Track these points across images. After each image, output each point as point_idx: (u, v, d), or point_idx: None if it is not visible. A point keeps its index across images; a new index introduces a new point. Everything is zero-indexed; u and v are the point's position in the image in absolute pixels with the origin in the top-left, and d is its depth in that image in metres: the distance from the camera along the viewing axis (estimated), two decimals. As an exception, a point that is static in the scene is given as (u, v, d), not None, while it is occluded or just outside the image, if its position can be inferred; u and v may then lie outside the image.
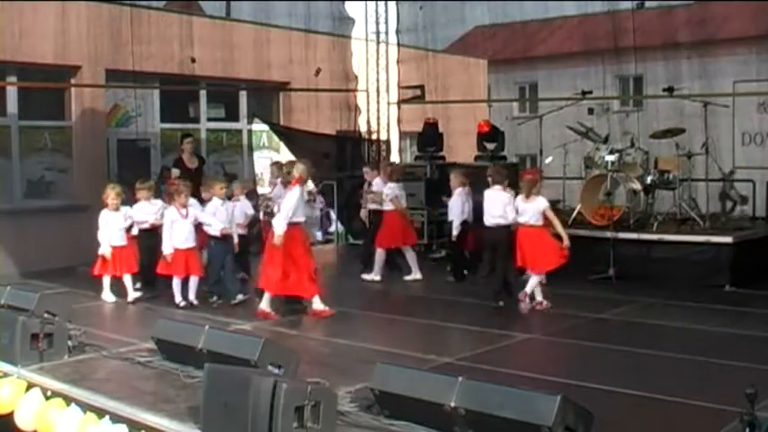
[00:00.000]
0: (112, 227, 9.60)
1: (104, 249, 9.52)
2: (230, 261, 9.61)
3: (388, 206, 10.84)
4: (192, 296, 9.36)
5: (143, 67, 13.02)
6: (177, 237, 9.33)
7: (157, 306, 9.27)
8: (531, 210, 8.92)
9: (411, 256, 11.01)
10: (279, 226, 8.50)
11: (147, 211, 9.89)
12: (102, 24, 12.93)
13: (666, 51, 15.75)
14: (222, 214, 9.61)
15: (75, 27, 12.67)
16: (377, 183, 11.17)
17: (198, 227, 9.61)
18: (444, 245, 12.26)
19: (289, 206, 8.52)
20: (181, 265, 9.31)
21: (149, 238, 9.83)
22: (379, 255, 10.92)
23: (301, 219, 8.81)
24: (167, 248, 9.29)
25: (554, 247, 8.90)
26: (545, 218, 8.96)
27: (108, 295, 9.61)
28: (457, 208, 10.53)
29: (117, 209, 9.69)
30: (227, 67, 14.66)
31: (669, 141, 11.85)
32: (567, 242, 8.85)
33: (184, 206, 9.47)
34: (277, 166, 11.64)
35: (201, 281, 9.48)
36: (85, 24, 12.78)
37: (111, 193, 9.66)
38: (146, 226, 9.85)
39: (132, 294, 9.57)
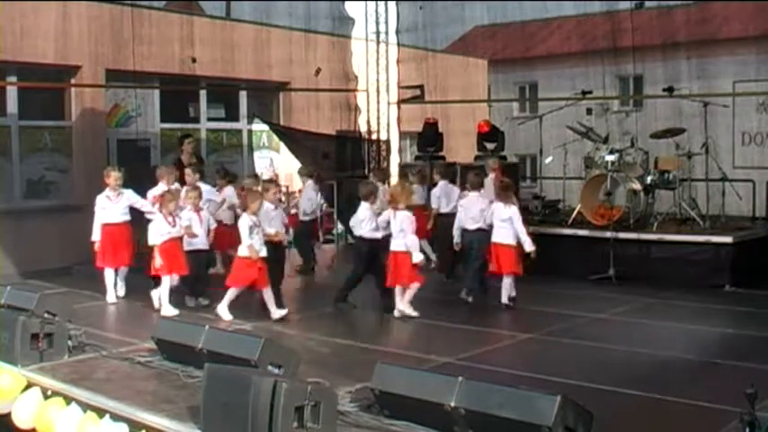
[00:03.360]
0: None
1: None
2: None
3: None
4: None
5: (144, 66, 13.01)
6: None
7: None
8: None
9: None
10: None
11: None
12: (103, 24, 12.92)
13: (666, 51, 15.76)
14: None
15: (76, 27, 12.67)
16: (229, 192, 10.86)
17: None
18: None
19: None
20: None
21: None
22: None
23: None
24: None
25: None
26: None
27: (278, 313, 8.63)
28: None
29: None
30: (227, 66, 14.67)
31: (669, 141, 11.87)
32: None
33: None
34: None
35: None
36: (86, 24, 12.78)
37: (273, 189, 9.25)
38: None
39: (278, 312, 8.55)
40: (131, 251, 9.72)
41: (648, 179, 11.45)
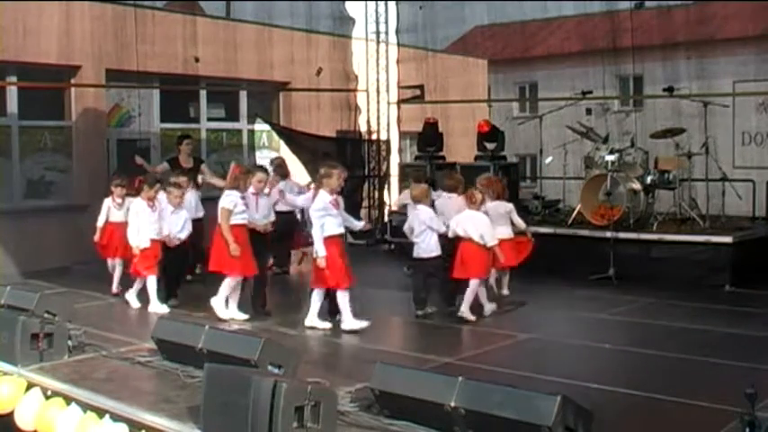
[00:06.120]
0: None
1: None
2: None
3: None
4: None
5: (146, 66, 12.97)
6: None
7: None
8: None
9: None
10: None
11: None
12: (106, 24, 12.92)
13: (666, 51, 15.75)
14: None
15: (78, 26, 12.66)
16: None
17: None
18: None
19: None
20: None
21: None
22: None
23: None
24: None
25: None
26: None
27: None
28: None
29: None
30: (229, 66, 14.65)
31: (669, 141, 11.87)
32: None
33: None
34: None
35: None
36: (89, 24, 12.78)
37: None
38: None
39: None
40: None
41: (648, 179, 11.46)
